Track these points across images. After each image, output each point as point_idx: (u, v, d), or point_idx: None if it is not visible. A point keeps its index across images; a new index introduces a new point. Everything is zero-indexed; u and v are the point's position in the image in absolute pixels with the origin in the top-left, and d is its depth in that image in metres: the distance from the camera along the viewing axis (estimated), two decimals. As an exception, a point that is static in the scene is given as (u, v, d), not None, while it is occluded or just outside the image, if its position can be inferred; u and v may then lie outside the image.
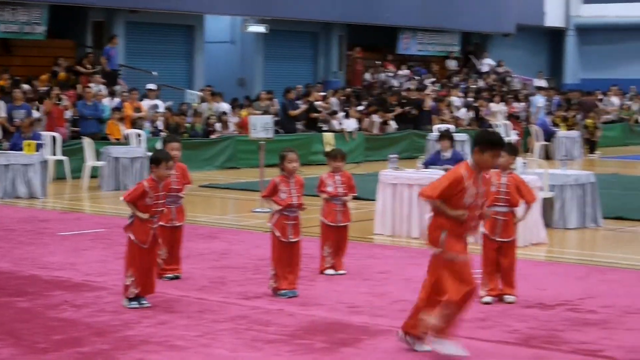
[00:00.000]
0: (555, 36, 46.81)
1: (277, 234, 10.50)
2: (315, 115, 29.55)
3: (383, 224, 15.36)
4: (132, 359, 8.18)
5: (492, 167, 8.76)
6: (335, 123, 29.55)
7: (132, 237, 9.90)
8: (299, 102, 29.75)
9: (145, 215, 9.88)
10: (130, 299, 9.92)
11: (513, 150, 11.11)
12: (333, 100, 30.92)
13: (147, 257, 10.14)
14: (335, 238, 12.15)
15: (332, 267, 12.00)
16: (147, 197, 9.94)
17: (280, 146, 25.55)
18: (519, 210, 10.80)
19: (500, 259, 10.59)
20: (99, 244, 14.31)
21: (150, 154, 22.41)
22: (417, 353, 8.59)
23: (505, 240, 10.56)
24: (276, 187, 10.48)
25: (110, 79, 27.47)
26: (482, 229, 10.47)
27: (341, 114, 30.14)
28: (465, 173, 8.25)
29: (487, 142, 8.41)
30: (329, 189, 12.10)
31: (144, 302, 10.01)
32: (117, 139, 23.75)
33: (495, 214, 10.38)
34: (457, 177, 8.29)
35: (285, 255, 10.51)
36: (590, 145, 33.20)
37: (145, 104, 26.23)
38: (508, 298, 10.56)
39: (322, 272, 12.08)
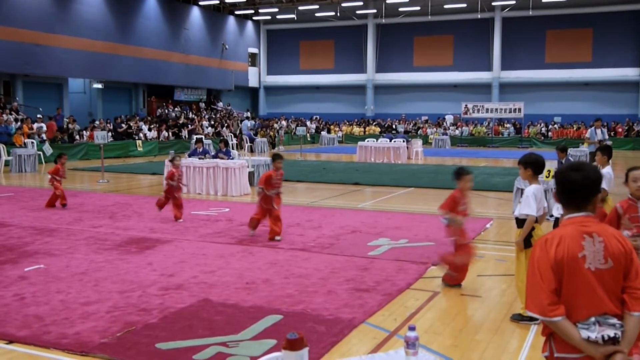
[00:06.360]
0: (254, 91, 46.98)
1: None
2: (131, 130, 28.80)
3: (169, 186, 15.40)
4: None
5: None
6: (142, 135, 29.00)
7: None
8: (122, 124, 28.86)
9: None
10: None
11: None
12: (141, 123, 30.23)
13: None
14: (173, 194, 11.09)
15: (175, 217, 10.89)
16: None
17: (111, 148, 24.96)
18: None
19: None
20: (9, 201, 13.59)
21: (39, 152, 21.38)
22: (196, 255, 8.83)
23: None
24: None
25: (17, 113, 25.62)
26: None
27: (145, 130, 29.60)
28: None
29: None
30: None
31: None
32: (20, 145, 22.30)
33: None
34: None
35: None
36: (272, 144, 34.18)
37: (35, 125, 24.67)
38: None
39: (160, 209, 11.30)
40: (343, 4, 40.16)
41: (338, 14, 41.90)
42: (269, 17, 44.57)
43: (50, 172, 12.62)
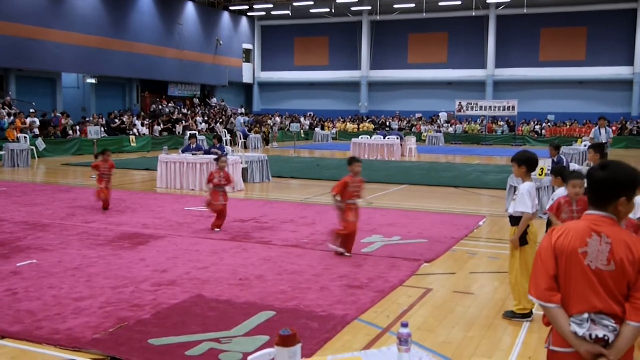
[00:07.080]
0: (248, 87, 46.79)
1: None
2: (124, 126, 28.67)
3: (161, 182, 15.33)
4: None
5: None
6: (135, 130, 28.88)
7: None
8: (116, 120, 28.74)
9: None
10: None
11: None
12: (134, 119, 30.10)
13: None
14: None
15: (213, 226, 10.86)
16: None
17: (104, 143, 24.87)
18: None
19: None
20: (1, 195, 13.38)
21: (32, 147, 21.28)
22: (179, 244, 8.84)
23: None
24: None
25: (10, 107, 25.46)
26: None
27: (139, 125, 29.48)
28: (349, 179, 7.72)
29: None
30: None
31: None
32: (12, 139, 22.17)
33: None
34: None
35: None
36: (266, 141, 34.04)
37: (28, 120, 24.54)
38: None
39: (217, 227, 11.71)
40: (338, 1, 40.09)
41: (332, 11, 41.83)
42: (263, 13, 44.46)
43: (92, 165, 12.37)
